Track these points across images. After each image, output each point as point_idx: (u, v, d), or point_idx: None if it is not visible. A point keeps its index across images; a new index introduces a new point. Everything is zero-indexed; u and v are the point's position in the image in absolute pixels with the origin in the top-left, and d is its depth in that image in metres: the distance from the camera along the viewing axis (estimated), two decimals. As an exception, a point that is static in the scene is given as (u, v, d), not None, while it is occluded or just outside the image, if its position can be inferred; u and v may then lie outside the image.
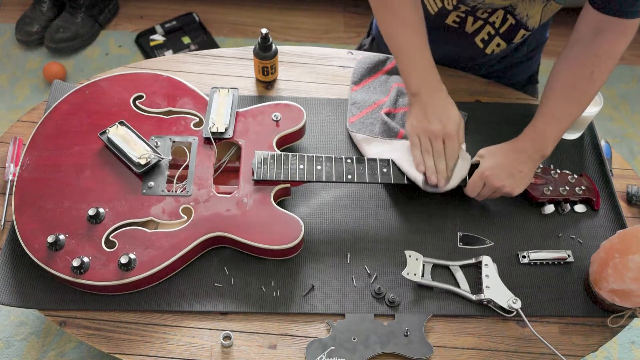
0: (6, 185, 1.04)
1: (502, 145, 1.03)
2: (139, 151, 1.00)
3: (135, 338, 0.93)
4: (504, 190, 1.00)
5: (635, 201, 1.09)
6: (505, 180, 0.99)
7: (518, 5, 1.08)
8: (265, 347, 0.93)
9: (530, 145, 1.01)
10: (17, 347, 1.53)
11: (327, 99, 1.19)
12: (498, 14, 1.11)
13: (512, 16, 1.11)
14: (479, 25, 1.15)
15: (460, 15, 1.14)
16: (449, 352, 0.94)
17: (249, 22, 2.31)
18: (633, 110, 2.17)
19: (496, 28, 1.15)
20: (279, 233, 0.95)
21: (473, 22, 1.15)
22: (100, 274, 0.91)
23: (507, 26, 1.13)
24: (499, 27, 1.14)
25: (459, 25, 1.17)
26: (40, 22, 2.14)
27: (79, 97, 1.08)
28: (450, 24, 1.17)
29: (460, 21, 1.16)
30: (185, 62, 1.23)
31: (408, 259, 0.98)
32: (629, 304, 0.92)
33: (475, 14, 1.13)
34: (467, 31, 1.18)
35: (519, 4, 1.07)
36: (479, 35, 1.17)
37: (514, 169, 1.00)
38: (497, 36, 1.16)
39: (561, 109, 1.01)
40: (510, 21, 1.12)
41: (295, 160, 1.01)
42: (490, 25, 1.14)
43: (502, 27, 1.14)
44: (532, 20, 1.11)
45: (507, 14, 1.11)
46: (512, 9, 1.09)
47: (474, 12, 1.13)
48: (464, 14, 1.13)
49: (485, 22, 1.14)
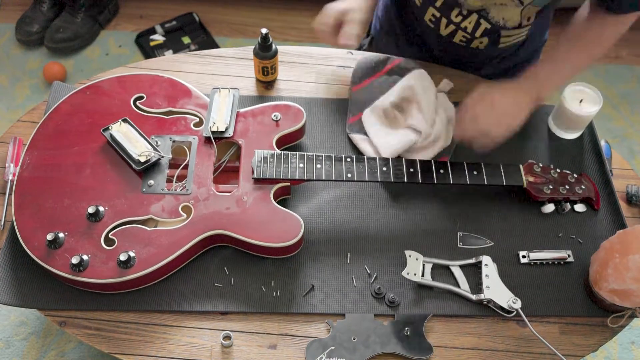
0: (6, 185, 1.05)
1: (498, 83, 1.04)
2: (140, 148, 1.00)
3: (135, 338, 0.93)
4: (486, 128, 1.01)
5: (635, 201, 1.09)
6: (490, 117, 1.00)
7: (491, 10, 1.08)
8: (265, 347, 0.93)
9: (526, 85, 1.03)
10: (17, 347, 1.53)
11: (327, 99, 1.19)
12: (471, 19, 1.11)
13: (486, 20, 1.10)
14: (452, 30, 1.15)
15: (435, 15, 1.14)
16: (449, 352, 0.94)
17: (249, 22, 2.31)
18: (633, 110, 2.17)
19: (469, 32, 1.14)
20: (278, 231, 0.95)
21: (446, 25, 1.14)
22: (100, 272, 0.91)
23: (482, 30, 1.13)
24: (472, 32, 1.14)
25: (434, 26, 1.17)
26: (40, 22, 2.15)
27: (79, 97, 1.08)
28: (427, 21, 1.17)
29: (435, 21, 1.16)
30: (185, 62, 1.23)
31: (408, 259, 0.98)
32: (629, 304, 0.92)
33: (450, 15, 1.13)
34: (441, 34, 1.18)
35: (491, 8, 1.07)
36: (456, 37, 1.17)
37: (506, 107, 1.01)
38: (475, 39, 1.16)
39: (562, 54, 1.04)
40: (485, 25, 1.12)
41: (295, 159, 1.01)
42: (462, 30, 1.14)
43: (477, 31, 1.14)
44: (511, 22, 1.10)
45: (480, 19, 1.10)
46: (485, 14, 1.09)
47: (448, 13, 1.12)
48: (439, 12, 1.13)
49: (457, 27, 1.14)
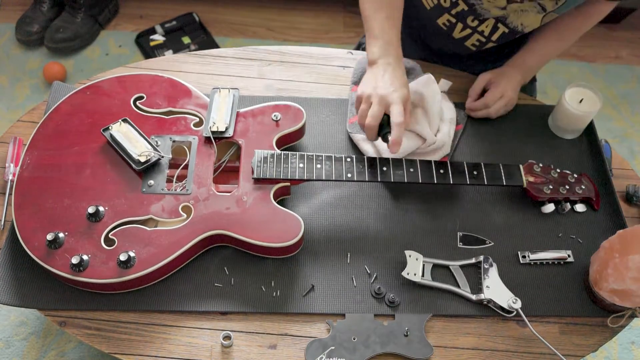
0: (6, 185, 1.05)
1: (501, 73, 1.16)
2: (140, 148, 1.00)
3: (135, 338, 0.93)
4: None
5: (635, 201, 1.09)
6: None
7: (510, 15, 1.08)
8: (265, 347, 0.93)
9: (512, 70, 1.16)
10: (17, 347, 1.53)
11: (327, 99, 1.20)
12: (488, 23, 1.12)
13: (504, 25, 1.11)
14: (467, 34, 1.16)
15: (450, 20, 1.15)
16: (449, 352, 0.94)
17: (249, 22, 2.31)
18: (633, 110, 2.17)
19: (486, 36, 1.15)
20: (278, 231, 0.95)
21: (462, 29, 1.15)
22: (99, 272, 0.91)
23: (499, 34, 1.14)
24: (489, 35, 1.15)
25: (447, 29, 1.17)
26: (40, 22, 2.15)
27: (79, 97, 1.08)
28: (440, 25, 1.17)
29: (450, 25, 1.16)
30: (185, 62, 1.24)
31: (408, 259, 0.98)
32: (629, 304, 0.92)
33: (466, 20, 1.13)
34: (454, 36, 1.18)
35: (510, 14, 1.08)
36: (469, 41, 1.18)
37: None
38: (490, 42, 1.17)
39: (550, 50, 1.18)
40: (503, 30, 1.13)
41: (295, 159, 1.01)
42: (479, 33, 1.15)
43: (494, 34, 1.15)
44: (529, 28, 1.11)
45: (497, 23, 1.11)
46: (503, 19, 1.10)
47: (465, 18, 1.13)
48: (455, 18, 1.14)
49: (473, 31, 1.15)
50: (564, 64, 2.28)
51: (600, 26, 2.38)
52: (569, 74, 2.25)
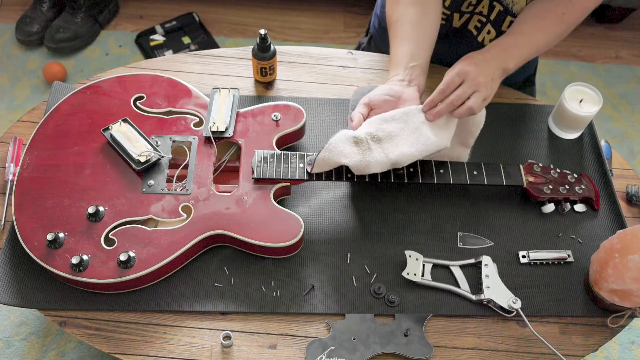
0: (6, 185, 1.05)
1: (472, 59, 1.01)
2: (140, 148, 1.00)
3: (135, 338, 0.93)
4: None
5: (635, 201, 1.09)
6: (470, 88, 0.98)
7: None
8: (265, 347, 0.93)
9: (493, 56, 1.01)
10: (17, 347, 1.53)
11: (327, 99, 1.19)
12: (484, 3, 1.13)
13: (499, 3, 1.12)
14: (466, 19, 1.17)
15: (445, 13, 1.16)
16: (449, 352, 0.94)
17: (249, 22, 2.31)
18: (633, 110, 2.17)
19: (485, 15, 1.16)
20: (278, 231, 0.95)
21: (459, 17, 1.16)
22: (99, 272, 0.91)
23: (495, 13, 1.15)
24: (488, 14, 1.16)
25: (446, 22, 1.18)
26: (40, 22, 2.15)
27: (79, 97, 1.08)
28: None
29: (447, 18, 1.17)
30: (185, 62, 1.23)
31: (408, 259, 0.98)
32: (629, 304, 0.92)
33: (460, 8, 1.14)
34: (454, 26, 1.19)
35: None
36: (470, 24, 1.19)
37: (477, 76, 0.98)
38: (489, 23, 1.18)
39: (529, 31, 1.05)
40: (498, 7, 1.14)
41: (295, 159, 1.01)
42: (478, 14, 1.16)
43: (492, 14, 1.15)
44: (517, 6, 1.12)
45: (493, 2, 1.12)
46: None
47: (458, 8, 1.13)
48: (450, 10, 1.14)
49: (471, 14, 1.16)
50: (564, 64, 2.28)
51: (600, 26, 2.39)
52: (569, 74, 2.25)
